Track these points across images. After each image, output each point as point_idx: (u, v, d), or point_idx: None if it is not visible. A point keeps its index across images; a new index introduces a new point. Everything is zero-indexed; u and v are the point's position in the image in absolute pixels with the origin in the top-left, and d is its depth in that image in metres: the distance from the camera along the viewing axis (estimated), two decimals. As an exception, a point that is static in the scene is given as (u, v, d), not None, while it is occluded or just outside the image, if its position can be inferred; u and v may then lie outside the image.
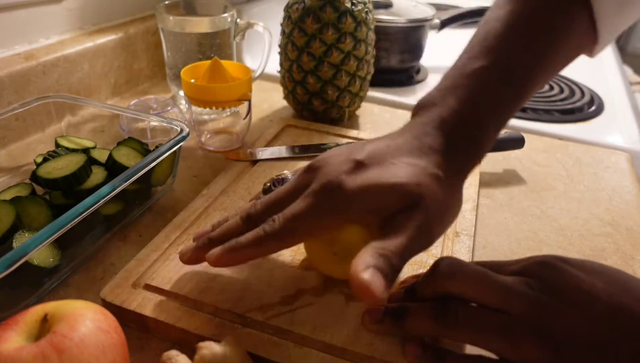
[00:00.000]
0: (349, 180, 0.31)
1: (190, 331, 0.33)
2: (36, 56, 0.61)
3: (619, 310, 0.26)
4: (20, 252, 0.31)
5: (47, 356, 0.24)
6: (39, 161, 0.47)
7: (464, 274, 0.30)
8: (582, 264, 0.29)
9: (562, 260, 0.29)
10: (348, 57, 0.60)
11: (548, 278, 0.28)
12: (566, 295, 0.27)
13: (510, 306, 0.28)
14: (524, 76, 0.35)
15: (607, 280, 0.28)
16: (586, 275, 0.28)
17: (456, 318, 0.29)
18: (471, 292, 0.29)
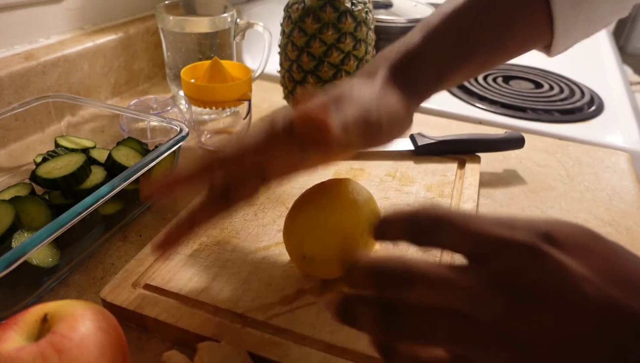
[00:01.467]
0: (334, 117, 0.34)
1: (190, 331, 0.33)
2: (36, 55, 0.61)
3: (606, 307, 0.23)
4: (19, 252, 0.31)
5: (47, 356, 0.24)
6: (38, 161, 0.47)
7: (423, 280, 0.25)
8: (574, 242, 0.25)
9: (548, 237, 0.25)
10: (348, 57, 0.60)
11: (529, 274, 0.24)
12: (548, 295, 0.24)
13: (474, 308, 0.24)
14: (476, 41, 0.39)
15: (599, 264, 0.24)
16: (576, 262, 0.24)
17: (402, 332, 0.25)
18: (433, 300, 0.25)
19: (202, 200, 0.34)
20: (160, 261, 0.39)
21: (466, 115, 0.73)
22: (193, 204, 0.46)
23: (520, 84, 0.88)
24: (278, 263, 0.40)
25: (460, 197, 0.50)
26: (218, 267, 0.39)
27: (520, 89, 0.85)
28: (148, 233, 0.45)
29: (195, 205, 0.34)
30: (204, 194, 0.34)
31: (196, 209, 0.34)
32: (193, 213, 0.34)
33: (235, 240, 0.42)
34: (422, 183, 0.52)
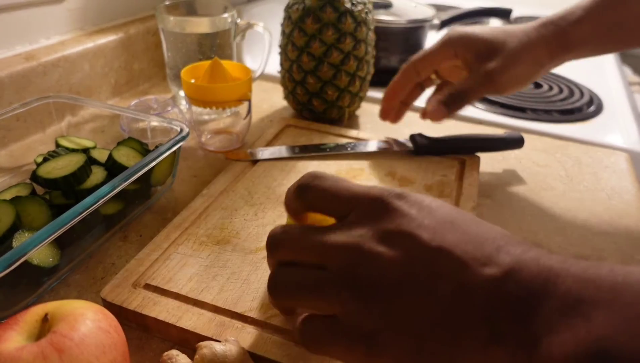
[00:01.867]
0: (461, 29, 0.53)
1: (190, 331, 0.33)
2: (37, 56, 0.61)
3: (439, 250, 0.24)
4: (19, 252, 0.31)
5: (48, 356, 0.24)
6: (39, 161, 0.48)
7: (284, 241, 0.29)
8: (419, 200, 0.27)
9: (398, 195, 0.27)
10: (348, 57, 0.60)
11: (373, 217, 0.27)
12: (387, 236, 0.26)
13: (327, 260, 0.26)
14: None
15: (439, 217, 0.26)
16: (417, 212, 0.26)
17: (275, 286, 0.28)
18: (294, 256, 0.28)
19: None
20: (161, 261, 0.40)
21: (466, 115, 0.73)
22: (193, 204, 0.46)
23: (520, 84, 0.88)
24: (278, 263, 0.40)
25: (460, 197, 0.50)
26: (218, 267, 0.39)
27: (520, 89, 0.85)
28: (148, 233, 0.46)
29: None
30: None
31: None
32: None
33: (235, 239, 0.43)
34: (422, 183, 0.52)
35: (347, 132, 0.62)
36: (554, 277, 0.22)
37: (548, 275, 0.22)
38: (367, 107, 0.73)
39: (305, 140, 0.60)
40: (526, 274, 0.22)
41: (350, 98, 0.64)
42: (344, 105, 0.64)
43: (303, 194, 0.30)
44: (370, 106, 0.74)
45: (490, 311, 0.22)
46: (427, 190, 0.51)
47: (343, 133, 0.62)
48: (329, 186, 0.29)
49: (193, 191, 0.52)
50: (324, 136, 0.61)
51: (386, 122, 0.70)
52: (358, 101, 0.66)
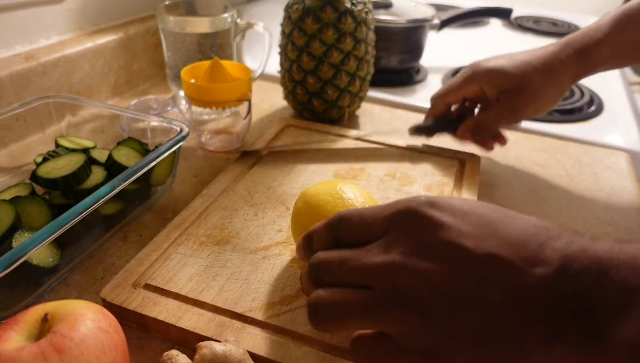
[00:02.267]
0: (486, 62, 0.53)
1: (190, 331, 0.33)
2: (36, 56, 0.61)
3: (486, 257, 0.24)
4: (19, 252, 0.31)
5: (48, 356, 0.24)
6: (39, 161, 0.47)
7: (326, 268, 0.28)
8: (451, 205, 0.27)
9: (428, 203, 0.27)
10: (348, 57, 0.60)
11: (410, 232, 0.26)
12: (429, 250, 0.25)
13: (372, 281, 0.26)
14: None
15: (475, 221, 0.26)
16: (453, 219, 0.26)
17: (316, 316, 0.27)
18: (336, 280, 0.28)
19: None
20: (161, 261, 0.40)
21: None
22: (193, 204, 0.46)
23: (520, 84, 0.88)
24: (278, 263, 0.40)
25: (460, 197, 0.50)
26: (218, 267, 0.39)
27: (520, 89, 0.85)
28: (148, 233, 0.46)
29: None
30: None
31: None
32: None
33: (235, 239, 0.43)
34: (422, 183, 0.52)
35: (347, 132, 0.62)
36: (606, 268, 0.22)
37: (600, 267, 0.22)
38: (367, 107, 0.73)
39: (306, 140, 0.60)
40: (577, 269, 0.23)
41: (350, 98, 0.64)
42: (344, 105, 0.64)
43: (333, 233, 0.30)
44: (370, 106, 0.74)
45: (548, 311, 0.23)
46: (427, 190, 0.51)
47: (343, 133, 0.62)
48: (357, 221, 0.29)
49: (193, 191, 0.52)
50: (324, 136, 0.61)
51: (386, 122, 0.70)
52: (358, 101, 0.66)
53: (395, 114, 0.72)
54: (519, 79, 0.51)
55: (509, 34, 1.21)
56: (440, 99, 0.57)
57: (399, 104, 0.76)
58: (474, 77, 0.53)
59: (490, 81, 0.52)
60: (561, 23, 1.34)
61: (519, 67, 0.51)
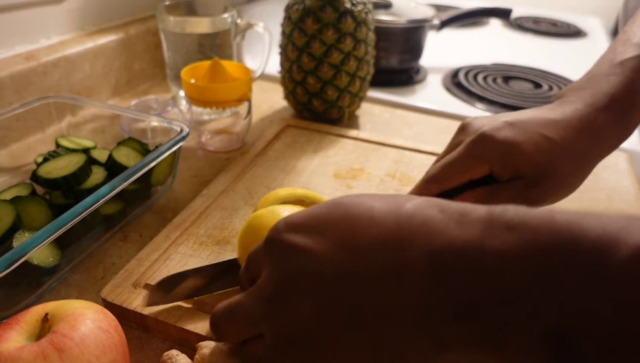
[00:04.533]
0: (498, 132, 0.37)
1: (190, 331, 0.33)
2: (37, 56, 0.61)
3: (347, 279, 0.23)
4: (20, 252, 0.31)
5: (48, 355, 0.25)
6: (39, 161, 0.48)
7: (216, 328, 0.28)
8: (307, 222, 0.25)
9: (287, 227, 0.26)
10: (348, 57, 0.60)
11: (274, 269, 0.25)
12: (295, 285, 0.24)
13: (260, 329, 0.26)
14: None
15: (332, 233, 0.24)
16: (314, 239, 0.24)
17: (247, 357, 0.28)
18: (239, 333, 0.28)
19: None
20: (161, 261, 0.40)
21: (466, 115, 0.73)
22: (193, 204, 0.46)
23: (520, 84, 0.88)
24: (278, 263, 0.40)
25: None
26: (218, 267, 0.39)
27: (520, 89, 0.85)
28: (148, 233, 0.46)
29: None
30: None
31: None
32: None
33: (235, 239, 0.43)
34: (422, 183, 0.52)
35: (347, 132, 0.62)
36: (477, 262, 0.20)
37: (469, 262, 0.20)
38: (367, 107, 0.73)
39: (306, 140, 0.60)
40: (447, 268, 0.21)
41: (350, 98, 0.64)
42: (344, 105, 0.64)
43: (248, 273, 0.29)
44: (370, 106, 0.74)
45: (425, 322, 0.21)
46: (427, 190, 0.51)
47: (343, 133, 0.62)
48: (251, 253, 0.29)
49: (193, 191, 0.52)
50: (324, 136, 0.61)
51: (386, 122, 0.70)
52: (358, 101, 0.66)
53: (395, 114, 0.72)
54: (541, 167, 0.36)
55: (508, 34, 1.21)
56: (436, 185, 0.39)
57: (399, 104, 0.76)
58: (482, 155, 0.37)
59: (503, 163, 0.37)
60: (561, 23, 1.34)
61: (541, 149, 0.36)
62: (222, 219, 0.45)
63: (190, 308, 0.35)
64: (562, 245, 0.19)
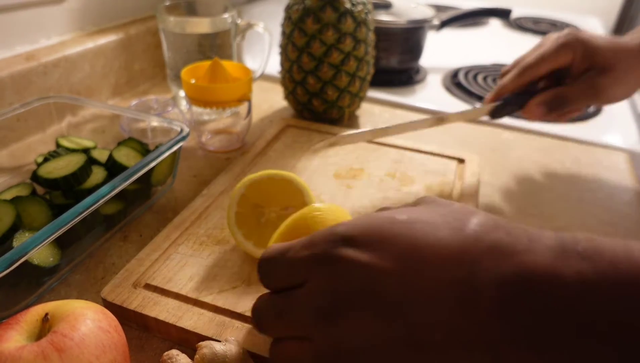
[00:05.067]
0: (581, 33, 0.51)
1: (190, 331, 0.33)
2: (37, 56, 0.61)
3: (414, 298, 0.22)
4: (20, 251, 0.32)
5: (48, 355, 0.25)
6: (39, 161, 0.48)
7: (262, 319, 0.28)
8: (368, 236, 0.24)
9: (344, 240, 0.25)
10: (348, 57, 0.60)
11: (331, 281, 0.24)
12: (354, 299, 0.23)
13: (308, 333, 0.25)
14: None
15: (397, 250, 0.23)
16: (372, 255, 0.23)
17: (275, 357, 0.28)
18: (278, 331, 0.28)
19: None
20: (161, 261, 0.40)
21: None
22: (193, 204, 0.46)
23: (520, 84, 0.88)
24: (278, 263, 0.40)
25: (460, 197, 0.50)
26: (218, 267, 0.39)
27: (520, 89, 0.85)
28: (148, 233, 0.46)
29: None
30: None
31: None
32: None
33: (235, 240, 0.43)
34: (422, 183, 0.52)
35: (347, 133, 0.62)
36: (550, 296, 0.20)
37: (542, 295, 0.20)
38: (367, 108, 0.73)
39: (306, 140, 0.60)
40: (518, 299, 0.21)
41: (350, 98, 0.64)
42: (344, 105, 0.64)
43: (265, 282, 0.29)
44: (370, 106, 0.74)
45: (495, 348, 0.21)
46: (427, 190, 0.51)
47: (343, 133, 0.62)
48: (277, 264, 0.28)
49: (193, 191, 0.52)
50: (324, 136, 0.61)
51: (386, 122, 0.70)
52: (358, 101, 0.66)
53: (395, 114, 0.72)
54: (610, 58, 0.48)
55: (508, 35, 1.21)
56: (530, 70, 0.51)
57: (399, 104, 0.76)
58: (569, 46, 0.50)
59: (584, 53, 0.49)
60: (560, 23, 1.34)
61: (610, 45, 0.49)
62: (222, 219, 0.45)
63: (190, 308, 0.35)
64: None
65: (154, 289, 0.37)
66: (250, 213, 0.40)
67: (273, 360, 0.28)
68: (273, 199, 0.41)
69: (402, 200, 0.49)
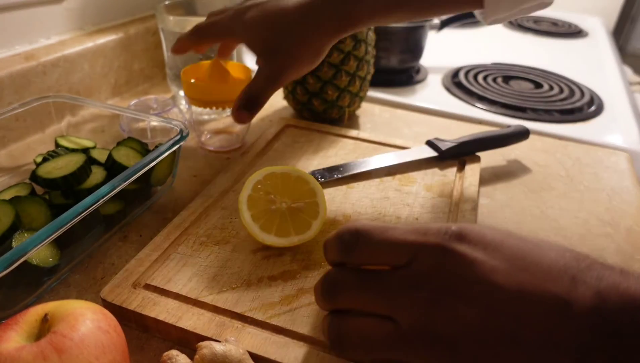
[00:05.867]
0: (245, 14, 0.47)
1: (190, 331, 0.33)
2: (36, 56, 0.61)
3: (519, 296, 0.23)
4: (19, 252, 0.31)
5: (47, 356, 0.24)
6: (38, 161, 0.47)
7: (345, 289, 0.28)
8: (482, 237, 0.26)
9: (458, 236, 0.26)
10: (348, 57, 0.60)
11: (440, 269, 0.25)
12: (461, 288, 0.24)
13: (397, 314, 0.25)
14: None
15: (507, 254, 0.25)
16: (484, 253, 0.25)
17: (341, 340, 0.28)
18: (356, 305, 0.28)
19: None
20: (161, 261, 0.39)
21: (466, 115, 0.73)
22: (193, 204, 0.46)
23: (520, 84, 0.88)
24: (278, 263, 0.40)
25: (460, 197, 0.50)
26: (218, 267, 0.39)
27: (520, 89, 0.85)
28: (148, 233, 0.46)
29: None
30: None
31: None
32: None
33: (235, 239, 0.42)
34: (422, 183, 0.52)
35: (347, 132, 0.62)
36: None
37: (634, 306, 0.22)
38: (367, 107, 0.73)
39: (305, 140, 0.60)
40: (611, 307, 0.22)
41: (350, 98, 0.64)
42: (344, 105, 0.64)
43: (352, 254, 0.28)
44: (370, 106, 0.74)
45: (583, 352, 0.22)
46: (427, 190, 0.51)
47: (343, 133, 0.62)
48: (378, 239, 0.27)
49: (193, 191, 0.52)
50: (324, 136, 0.61)
51: (386, 122, 0.70)
52: (358, 101, 0.66)
53: (395, 114, 0.72)
54: (270, 42, 0.45)
55: (509, 34, 1.21)
56: (194, 40, 0.51)
57: (399, 104, 0.76)
58: (233, 29, 0.47)
59: (249, 38, 0.47)
60: (561, 23, 1.34)
61: (272, 26, 0.45)
62: (222, 219, 0.45)
63: (190, 308, 0.35)
64: None
65: (153, 289, 0.37)
66: (262, 199, 0.41)
67: (342, 335, 0.28)
68: (286, 193, 0.42)
69: (402, 200, 0.49)
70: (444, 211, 0.48)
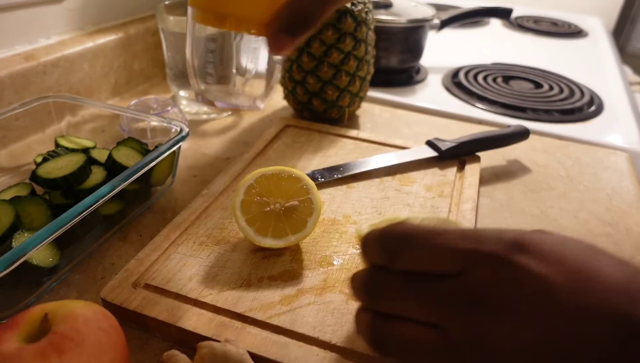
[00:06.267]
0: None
1: (190, 331, 0.33)
2: (36, 56, 0.61)
3: (579, 313, 0.22)
4: (19, 252, 0.31)
5: (47, 356, 0.24)
6: (38, 161, 0.47)
7: (388, 291, 0.27)
8: (542, 247, 0.24)
9: (517, 247, 0.24)
10: (348, 57, 0.60)
11: (497, 281, 0.24)
12: (521, 306, 0.23)
13: (446, 322, 0.24)
14: None
15: (569, 268, 0.23)
16: (545, 267, 0.23)
17: (382, 343, 0.27)
18: (400, 311, 0.26)
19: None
20: (161, 261, 0.39)
21: (466, 115, 0.73)
22: (193, 204, 0.46)
23: (520, 84, 0.88)
24: (278, 263, 0.40)
25: (460, 197, 0.50)
26: (218, 267, 0.39)
27: (520, 89, 0.85)
28: (148, 233, 0.46)
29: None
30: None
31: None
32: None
33: (235, 239, 0.42)
34: (422, 183, 0.52)
35: (347, 132, 0.62)
36: None
37: None
38: (367, 107, 0.73)
39: (305, 140, 0.60)
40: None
41: (350, 98, 0.64)
42: (344, 105, 0.64)
43: (396, 261, 0.27)
44: (370, 106, 0.74)
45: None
46: (427, 190, 0.51)
47: (343, 133, 0.62)
48: (426, 246, 0.26)
49: (193, 191, 0.52)
50: (324, 136, 0.61)
51: (386, 122, 0.70)
52: (358, 101, 0.66)
53: (395, 114, 0.72)
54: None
55: (509, 34, 1.21)
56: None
57: (399, 104, 0.76)
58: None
59: None
60: (561, 23, 1.34)
61: None
62: (222, 219, 0.45)
63: (190, 308, 0.35)
64: None
65: (153, 289, 0.37)
66: (255, 202, 0.41)
67: (386, 338, 0.26)
68: (279, 193, 0.42)
69: (402, 200, 0.49)
70: (443, 211, 0.48)
